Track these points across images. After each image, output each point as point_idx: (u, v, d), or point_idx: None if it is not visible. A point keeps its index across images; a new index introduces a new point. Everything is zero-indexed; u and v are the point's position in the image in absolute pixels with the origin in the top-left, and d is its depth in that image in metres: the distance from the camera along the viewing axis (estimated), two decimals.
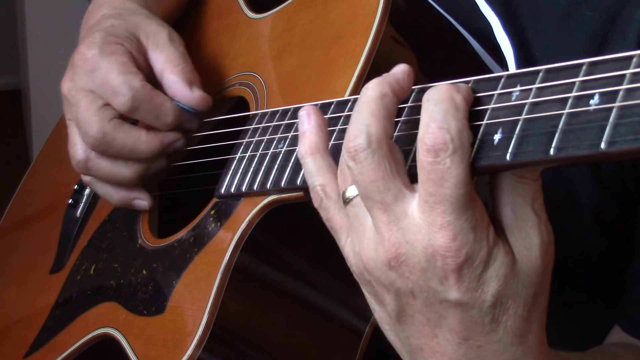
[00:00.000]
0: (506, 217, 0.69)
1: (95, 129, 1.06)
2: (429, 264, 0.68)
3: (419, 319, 0.72)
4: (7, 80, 4.18)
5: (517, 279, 0.69)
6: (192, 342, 0.92)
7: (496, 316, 0.69)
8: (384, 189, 0.69)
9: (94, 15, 1.18)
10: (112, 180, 1.12)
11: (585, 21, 0.97)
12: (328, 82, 0.96)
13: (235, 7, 1.24)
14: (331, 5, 1.03)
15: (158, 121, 1.07)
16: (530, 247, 0.69)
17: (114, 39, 1.09)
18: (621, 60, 0.61)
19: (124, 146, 1.07)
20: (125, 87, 1.05)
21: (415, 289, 0.70)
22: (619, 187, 0.95)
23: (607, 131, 0.59)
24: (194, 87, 1.08)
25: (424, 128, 0.67)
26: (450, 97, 0.67)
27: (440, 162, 0.65)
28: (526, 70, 0.68)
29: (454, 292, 0.68)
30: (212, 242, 0.98)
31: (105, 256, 1.17)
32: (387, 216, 0.69)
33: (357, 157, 0.69)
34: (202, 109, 1.09)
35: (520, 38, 1.01)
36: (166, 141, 1.09)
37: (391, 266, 0.70)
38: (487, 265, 0.68)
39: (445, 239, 0.66)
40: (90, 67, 1.08)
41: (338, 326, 0.98)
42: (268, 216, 0.94)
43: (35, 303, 1.28)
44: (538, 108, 0.65)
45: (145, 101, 1.06)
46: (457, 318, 0.70)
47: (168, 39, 1.12)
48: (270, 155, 0.92)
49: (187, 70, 1.09)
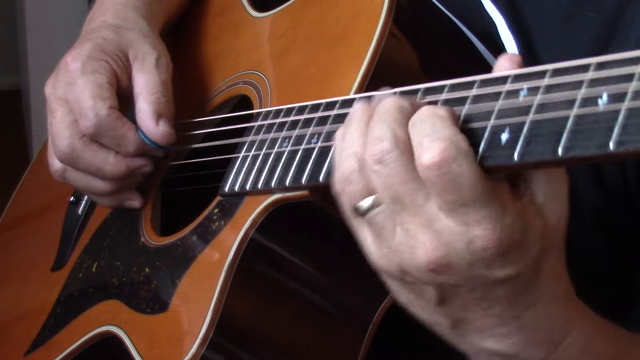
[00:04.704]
0: (538, 175, 0.70)
1: (65, 144, 1.10)
2: (474, 257, 0.68)
3: (463, 298, 0.73)
4: (7, 80, 4.18)
5: (550, 233, 0.71)
6: (196, 340, 0.92)
7: (538, 269, 0.71)
8: (414, 189, 0.68)
9: (97, 18, 1.20)
10: (89, 191, 1.16)
11: (587, 22, 0.96)
12: (333, 81, 0.96)
13: (238, 5, 1.24)
14: (336, 4, 1.03)
15: (120, 149, 1.10)
16: (560, 200, 0.71)
17: (101, 54, 1.11)
18: (629, 60, 0.61)
19: (90, 165, 1.10)
20: (92, 112, 1.07)
21: (459, 280, 0.71)
22: (622, 192, 0.95)
23: (616, 131, 0.59)
24: (162, 121, 1.10)
25: (418, 147, 0.67)
26: (433, 112, 0.69)
27: (447, 171, 0.66)
28: (533, 70, 0.68)
29: (500, 271, 0.70)
30: (215, 241, 0.98)
31: (108, 254, 1.17)
32: (420, 218, 0.69)
33: (384, 159, 0.69)
34: (162, 144, 1.10)
35: (525, 38, 1.01)
36: (133, 166, 1.11)
37: (432, 269, 0.70)
38: (525, 237, 0.69)
39: (484, 232, 0.67)
40: (70, 79, 1.10)
41: (342, 325, 0.98)
42: (272, 215, 0.93)
43: (37, 301, 1.28)
44: (546, 108, 0.65)
45: (109, 130, 1.08)
46: (503, 288, 0.71)
47: (155, 63, 1.13)
48: (275, 154, 0.92)
49: (161, 100, 1.11)
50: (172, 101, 1.12)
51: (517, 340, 0.75)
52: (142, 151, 1.11)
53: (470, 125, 0.70)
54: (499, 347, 0.75)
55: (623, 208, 0.96)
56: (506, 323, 0.74)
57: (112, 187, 1.13)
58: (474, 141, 0.68)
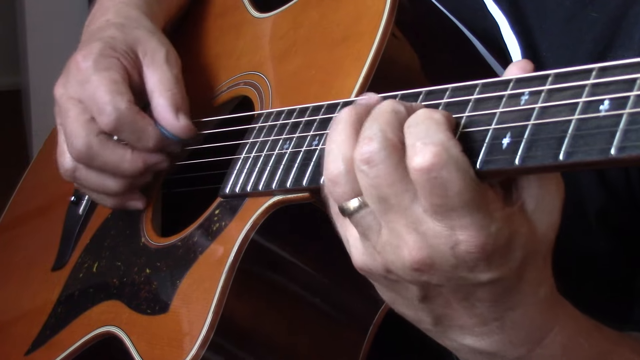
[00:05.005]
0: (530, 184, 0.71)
1: (81, 142, 1.09)
2: (458, 260, 0.69)
3: (445, 297, 0.74)
4: (7, 80, 4.18)
5: (537, 241, 0.71)
6: (196, 341, 0.92)
7: (520, 275, 0.72)
8: (401, 191, 0.69)
9: (98, 19, 1.19)
10: (100, 191, 1.15)
11: (590, 23, 0.96)
12: (334, 82, 0.96)
13: (240, 6, 1.24)
14: (337, 5, 1.03)
15: (139, 144, 1.09)
16: (553, 211, 0.71)
17: (112, 52, 1.11)
18: (631, 66, 0.61)
19: (108, 162, 1.10)
20: (110, 107, 1.06)
21: (442, 280, 0.71)
22: (625, 191, 0.95)
23: (617, 137, 0.59)
24: (180, 115, 1.10)
25: (411, 149, 0.68)
26: (429, 116, 0.69)
27: (436, 176, 0.66)
28: (535, 75, 0.68)
29: (483, 275, 0.70)
30: (216, 242, 0.98)
31: (108, 254, 1.17)
32: (406, 219, 0.70)
33: (372, 159, 0.69)
34: (184, 137, 1.10)
35: (528, 38, 1.01)
36: (150, 162, 1.11)
37: (416, 268, 0.71)
38: (510, 243, 0.70)
39: (469, 237, 0.68)
40: (83, 78, 1.09)
41: (342, 327, 0.98)
42: (273, 216, 0.94)
43: (37, 300, 1.28)
44: (547, 113, 0.65)
45: (128, 123, 1.07)
46: (485, 290, 0.72)
47: (165, 58, 1.13)
48: (276, 156, 0.92)
49: (177, 95, 1.11)
50: (185, 96, 1.12)
51: (497, 339, 0.76)
52: (161, 146, 1.10)
53: (471, 129, 0.70)
54: (479, 344, 0.77)
55: (626, 207, 0.96)
56: (487, 323, 0.75)
57: (124, 186, 1.12)
58: (475, 145, 0.69)
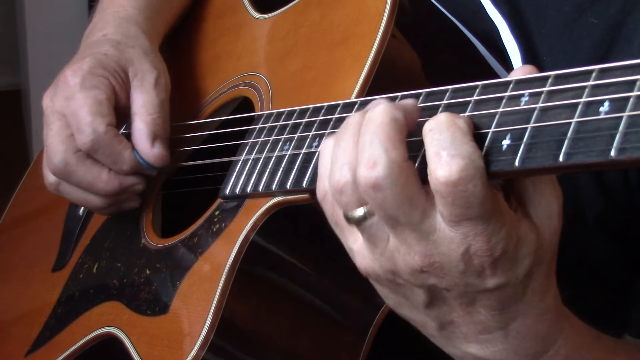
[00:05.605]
0: (527, 190, 0.71)
1: (59, 158, 1.10)
2: (467, 265, 0.69)
3: (451, 303, 0.74)
4: (7, 80, 4.17)
5: (542, 248, 0.71)
6: (196, 342, 0.92)
7: (526, 283, 0.72)
8: (409, 210, 0.68)
9: (98, 31, 1.19)
10: (84, 205, 1.17)
11: (589, 28, 0.96)
12: (334, 83, 0.96)
13: (240, 6, 1.24)
14: (337, 6, 1.03)
15: (115, 167, 1.11)
16: (551, 216, 0.72)
17: (101, 71, 1.11)
18: (631, 68, 0.61)
19: (82, 181, 1.11)
20: (90, 128, 1.07)
21: (450, 285, 0.72)
22: (623, 197, 0.95)
23: (617, 139, 0.59)
24: (157, 142, 1.10)
25: (435, 158, 0.66)
26: (453, 122, 0.67)
27: (463, 190, 0.66)
28: (535, 76, 0.68)
29: (490, 281, 0.71)
30: (216, 243, 0.98)
31: (108, 255, 1.17)
32: (417, 234, 0.69)
33: (378, 185, 0.68)
34: (157, 166, 1.11)
35: (528, 42, 1.01)
36: (125, 184, 1.12)
37: (425, 270, 0.71)
38: (518, 249, 0.70)
39: (481, 244, 0.68)
40: (69, 94, 1.10)
41: (343, 328, 0.98)
42: (273, 218, 0.94)
43: (37, 301, 1.28)
44: (547, 114, 0.65)
45: (105, 147, 1.09)
46: (492, 297, 0.72)
47: (154, 82, 1.13)
48: (276, 157, 0.92)
49: (158, 121, 1.11)
50: (168, 122, 1.13)
51: (501, 348, 0.76)
52: (136, 170, 1.11)
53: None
54: (483, 353, 0.77)
55: (625, 213, 0.96)
56: (491, 331, 0.75)
57: (106, 202, 1.13)
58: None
